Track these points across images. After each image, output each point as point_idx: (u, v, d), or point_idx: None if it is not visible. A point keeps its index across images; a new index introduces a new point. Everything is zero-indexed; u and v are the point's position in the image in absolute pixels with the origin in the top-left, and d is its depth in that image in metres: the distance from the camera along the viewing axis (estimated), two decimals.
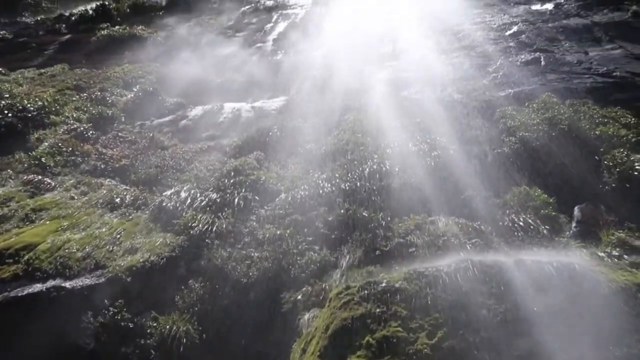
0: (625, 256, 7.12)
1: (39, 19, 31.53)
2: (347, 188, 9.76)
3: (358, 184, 9.74)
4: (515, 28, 18.76)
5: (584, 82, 13.92)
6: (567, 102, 12.58)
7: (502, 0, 22.60)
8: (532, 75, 14.67)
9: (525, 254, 6.54)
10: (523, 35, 17.96)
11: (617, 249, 7.54)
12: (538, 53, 16.11)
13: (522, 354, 4.72)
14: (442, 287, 5.44)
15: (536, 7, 20.86)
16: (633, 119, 11.43)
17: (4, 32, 27.91)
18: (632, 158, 9.88)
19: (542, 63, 15.45)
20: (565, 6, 19.97)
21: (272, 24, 25.63)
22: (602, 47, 16.05)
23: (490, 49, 16.92)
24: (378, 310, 5.33)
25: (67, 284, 7.58)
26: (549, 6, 20.47)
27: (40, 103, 15.46)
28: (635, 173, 9.53)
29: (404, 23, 21.56)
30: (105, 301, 7.40)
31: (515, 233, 8.22)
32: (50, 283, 7.59)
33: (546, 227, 8.42)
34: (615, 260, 6.97)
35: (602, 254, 7.33)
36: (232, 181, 10.52)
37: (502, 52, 16.69)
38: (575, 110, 12.07)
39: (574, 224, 8.77)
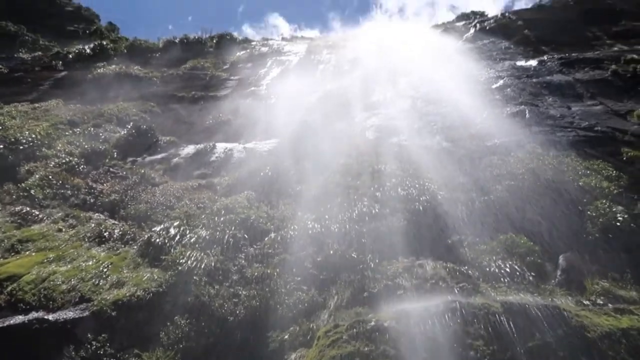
0: (609, 304, 7.23)
1: (36, 55, 31.95)
2: (337, 229, 9.86)
3: (347, 225, 9.84)
4: (501, 82, 19.50)
5: (567, 135, 14.42)
6: (551, 153, 12.98)
7: (488, 56, 23.54)
8: (517, 127, 15.16)
9: (512, 299, 6.62)
10: (508, 89, 18.66)
11: (602, 298, 7.68)
12: (523, 106, 16.72)
13: None
14: (430, 327, 5.47)
15: (521, 63, 21.77)
16: (614, 172, 11.81)
17: (0, 66, 28.19)
18: (614, 209, 10.15)
19: (527, 116, 16.01)
20: (549, 63, 20.88)
21: (266, 69, 26.32)
22: (584, 103, 16.72)
23: (477, 100, 17.50)
24: (366, 348, 5.33)
25: (50, 317, 7.44)
26: (533, 63, 21.39)
27: (33, 136, 15.54)
28: (617, 224, 9.77)
29: (394, 73, 22.30)
30: (89, 335, 7.24)
31: (502, 279, 8.31)
32: (33, 315, 7.45)
33: (532, 273, 8.54)
34: (598, 307, 7.06)
35: (587, 302, 7.44)
36: (222, 219, 10.55)
37: (488, 104, 17.28)
38: (559, 162, 12.44)
39: (559, 272, 8.90)
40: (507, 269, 8.48)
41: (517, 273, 8.44)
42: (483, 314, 5.56)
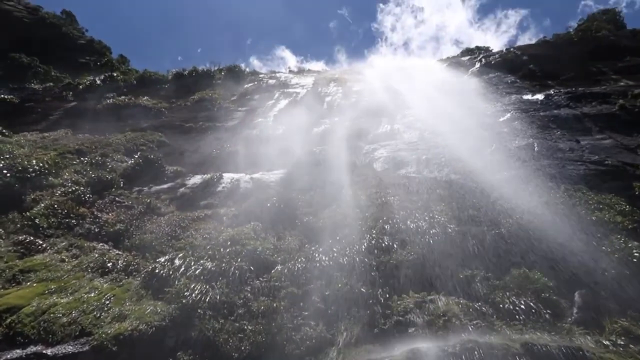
0: (632, 345, 6.93)
1: (47, 85, 32.42)
2: (345, 262, 9.62)
3: (357, 259, 9.61)
4: (508, 115, 19.49)
5: (577, 168, 14.26)
6: (562, 187, 12.81)
7: (494, 90, 23.63)
8: (526, 159, 15.03)
9: (530, 338, 6.33)
10: (516, 122, 18.63)
11: (622, 338, 7.36)
12: (531, 139, 16.64)
13: None
14: None
15: (527, 97, 21.81)
16: (627, 207, 11.59)
17: (11, 96, 28.56)
18: (629, 245, 9.90)
19: (536, 149, 15.90)
20: (556, 97, 20.90)
21: (273, 101, 26.51)
22: (593, 137, 16.62)
23: (485, 133, 17.45)
24: None
25: (49, 351, 7.19)
26: (540, 97, 21.43)
27: (40, 165, 15.52)
28: (634, 260, 9.50)
29: (401, 106, 22.39)
30: None
31: (517, 316, 8.01)
32: (31, 349, 7.21)
33: (548, 311, 8.24)
34: (621, 349, 6.76)
35: (607, 342, 7.13)
36: (227, 250, 10.35)
37: (496, 137, 17.21)
38: (570, 196, 12.26)
39: (575, 310, 8.60)
40: (522, 306, 8.19)
41: (533, 310, 8.14)
42: (502, 354, 5.28)
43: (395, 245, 10.01)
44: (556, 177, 13.61)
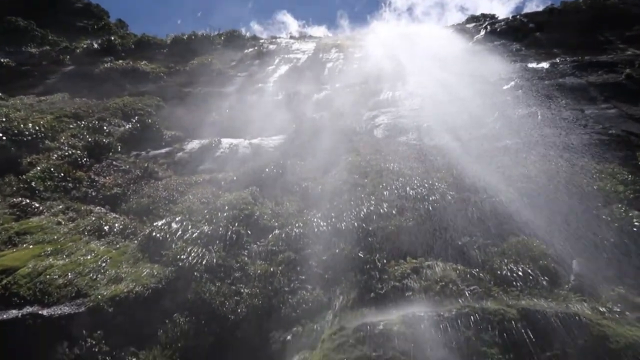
0: (628, 313, 6.90)
1: (44, 49, 31.81)
2: (343, 228, 9.56)
3: (355, 224, 9.53)
4: (512, 83, 19.14)
5: (581, 138, 14.05)
6: (564, 156, 12.63)
7: (499, 57, 23.16)
8: (529, 128, 14.81)
9: (526, 304, 6.29)
10: (520, 91, 18.29)
11: (619, 305, 7.32)
12: (535, 108, 16.36)
13: None
14: (442, 332, 5.17)
15: (532, 65, 21.40)
16: (630, 176, 11.44)
17: (7, 59, 28.08)
18: (630, 214, 9.81)
19: (539, 118, 15.65)
20: (561, 66, 20.50)
21: (273, 67, 26.06)
22: (598, 106, 16.34)
23: (488, 101, 17.15)
24: (374, 354, 5.03)
25: (45, 312, 7.18)
26: (545, 65, 21.01)
27: (36, 128, 15.33)
28: (634, 229, 9.43)
29: (403, 72, 21.99)
30: (84, 332, 6.98)
31: (514, 282, 7.96)
32: (27, 310, 7.20)
33: (545, 278, 8.19)
34: (617, 315, 6.73)
35: (603, 309, 7.10)
36: (225, 215, 10.28)
37: (499, 105, 16.92)
38: (572, 165, 12.11)
39: (572, 277, 8.56)
40: (520, 273, 8.13)
41: (530, 277, 8.09)
42: (498, 320, 5.25)
43: (393, 212, 9.91)
44: (558, 146, 13.42)
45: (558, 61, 21.20)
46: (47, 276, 7.92)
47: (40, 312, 7.14)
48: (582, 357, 4.81)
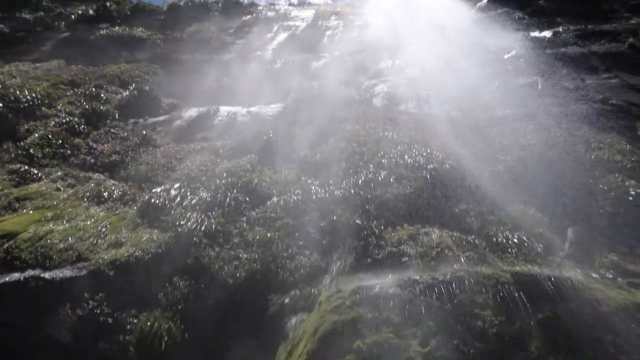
0: (619, 278, 7.03)
1: (38, 15, 31.23)
2: (341, 195, 9.61)
3: (352, 191, 9.58)
4: (513, 52, 18.90)
5: (581, 108, 13.98)
6: (564, 126, 12.60)
7: (500, 26, 22.79)
8: (529, 98, 14.72)
9: (520, 270, 6.39)
10: (521, 60, 18.09)
11: (611, 271, 7.46)
12: (536, 77, 16.22)
13: None
14: (437, 295, 5.27)
15: (535, 34, 21.08)
16: (628, 146, 11.46)
17: (1, 25, 27.61)
18: (627, 183, 9.86)
19: (540, 87, 15.53)
20: (564, 35, 20.20)
21: (272, 34, 25.69)
22: (599, 76, 16.20)
23: (489, 70, 16.98)
24: (370, 315, 5.14)
25: (47, 275, 7.30)
26: (548, 34, 20.70)
27: (33, 95, 15.22)
28: (630, 198, 9.50)
29: (403, 40, 21.69)
30: (85, 294, 7.11)
31: (510, 249, 8.08)
32: (29, 273, 7.31)
33: (540, 245, 8.30)
34: (609, 281, 6.86)
35: (596, 275, 7.23)
36: (223, 182, 10.31)
37: (499, 74, 16.76)
38: (571, 135, 12.09)
39: (567, 245, 8.69)
40: (515, 240, 8.24)
41: (525, 244, 8.20)
42: (492, 283, 5.35)
43: (391, 180, 9.94)
44: (558, 116, 13.37)
45: (561, 30, 20.87)
46: (48, 241, 8.01)
47: (42, 275, 7.26)
48: (572, 319, 4.93)
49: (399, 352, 4.73)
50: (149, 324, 6.78)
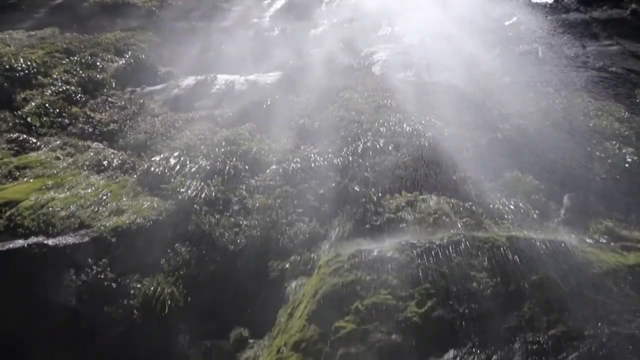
0: (612, 243, 7.15)
1: None
2: (339, 163, 9.67)
3: (350, 159, 9.65)
4: (514, 19, 18.69)
5: (580, 75, 13.94)
6: (563, 93, 12.60)
7: None
8: (529, 65, 14.64)
9: (517, 234, 6.52)
10: (522, 27, 17.92)
11: (605, 237, 7.58)
12: (536, 44, 16.10)
13: (511, 327, 4.70)
14: (434, 259, 5.40)
15: (536, 0, 20.79)
16: (627, 114, 11.49)
17: None
18: (623, 151, 9.93)
19: (540, 54, 15.45)
20: (565, 1, 19.93)
21: (269, 1, 25.20)
22: (600, 43, 16.08)
23: (489, 37, 16.82)
24: (368, 277, 5.27)
25: (50, 242, 7.40)
26: (549, 0, 20.42)
27: (28, 64, 15.02)
28: (626, 165, 9.59)
29: (403, 8, 21.38)
30: (89, 260, 7.24)
31: (506, 215, 8.20)
32: (33, 240, 7.40)
33: (536, 211, 8.43)
34: (603, 246, 6.98)
35: (590, 240, 7.36)
36: (222, 150, 10.34)
37: (500, 42, 16.62)
38: (570, 102, 12.10)
39: (562, 211, 8.81)
40: (512, 206, 8.36)
41: (522, 210, 8.33)
42: (488, 247, 5.47)
43: (390, 148, 10.00)
44: (558, 84, 13.34)
45: None
46: (50, 208, 8.09)
47: (45, 241, 7.35)
48: (565, 280, 5.06)
49: (397, 313, 4.88)
50: (152, 288, 6.93)
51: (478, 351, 4.49)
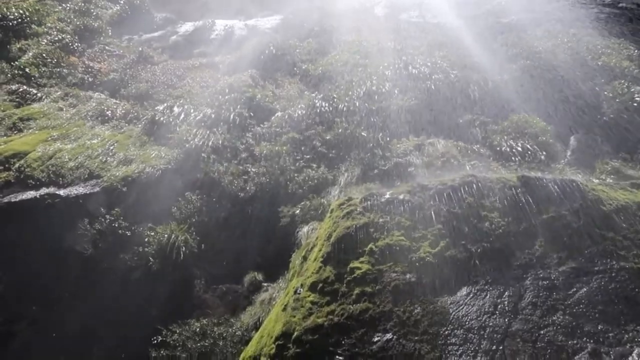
0: (619, 182, 7.19)
1: None
2: (345, 108, 9.56)
3: (357, 103, 9.53)
4: None
5: (589, 12, 13.50)
6: (571, 31, 12.26)
7: None
8: (536, 3, 14.17)
9: (527, 173, 6.55)
10: None
11: (612, 176, 7.64)
12: None
13: (522, 264, 4.80)
14: (446, 200, 5.44)
15: None
16: (636, 51, 11.23)
17: None
18: (632, 90, 9.77)
19: None
20: None
21: None
22: None
23: None
24: (381, 220, 5.33)
25: (62, 192, 7.46)
26: None
27: (20, 12, 14.56)
28: (635, 104, 9.47)
29: None
30: (102, 209, 7.32)
31: (513, 157, 8.21)
32: (44, 191, 7.46)
33: (543, 153, 8.42)
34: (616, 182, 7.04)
35: (597, 180, 7.40)
36: (226, 97, 10.22)
37: None
38: (579, 40, 11.81)
39: (569, 152, 8.81)
40: (519, 148, 8.36)
41: (529, 152, 8.33)
42: (499, 187, 5.49)
43: (396, 91, 9.86)
44: (566, 21, 12.96)
45: None
46: (58, 159, 8.10)
47: (57, 192, 7.41)
48: (576, 218, 5.13)
49: (410, 253, 4.97)
50: (166, 236, 7.04)
51: (491, 288, 4.61)
